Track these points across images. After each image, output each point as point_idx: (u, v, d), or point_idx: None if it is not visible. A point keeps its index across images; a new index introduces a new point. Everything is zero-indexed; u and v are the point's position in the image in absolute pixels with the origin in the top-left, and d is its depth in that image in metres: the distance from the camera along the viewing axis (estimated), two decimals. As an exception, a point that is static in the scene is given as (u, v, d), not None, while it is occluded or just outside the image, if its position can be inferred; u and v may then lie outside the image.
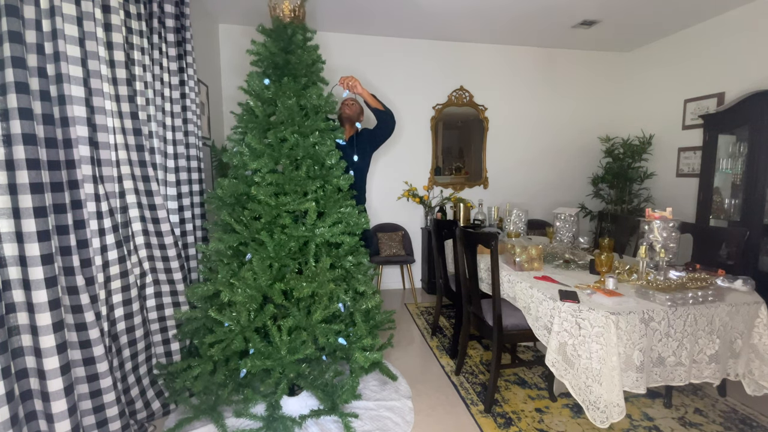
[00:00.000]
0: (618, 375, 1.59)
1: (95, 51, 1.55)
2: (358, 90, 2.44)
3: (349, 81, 2.43)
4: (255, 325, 1.78)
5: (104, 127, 1.61)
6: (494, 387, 2.06)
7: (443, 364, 2.59)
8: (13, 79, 1.21)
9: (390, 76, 4.14)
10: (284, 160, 1.93)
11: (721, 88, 3.49)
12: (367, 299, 2.00)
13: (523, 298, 2.04)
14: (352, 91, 2.45)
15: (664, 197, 4.10)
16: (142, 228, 1.91)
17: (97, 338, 1.48)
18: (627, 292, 1.85)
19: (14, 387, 1.21)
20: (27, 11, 1.31)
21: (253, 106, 1.97)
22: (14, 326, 1.27)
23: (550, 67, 4.43)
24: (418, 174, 4.33)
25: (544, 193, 4.59)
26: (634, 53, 4.43)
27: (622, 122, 4.57)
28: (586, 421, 1.98)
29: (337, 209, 1.98)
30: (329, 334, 1.85)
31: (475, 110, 4.36)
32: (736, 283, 1.95)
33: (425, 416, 2.03)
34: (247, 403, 1.84)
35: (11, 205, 1.23)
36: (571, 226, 2.82)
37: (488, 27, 3.80)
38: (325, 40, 3.97)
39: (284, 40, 2.05)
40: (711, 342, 1.77)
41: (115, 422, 1.58)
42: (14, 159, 1.22)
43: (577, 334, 1.68)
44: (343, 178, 2.03)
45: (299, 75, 2.05)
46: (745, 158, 3.06)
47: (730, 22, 3.42)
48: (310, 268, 1.86)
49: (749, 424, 1.96)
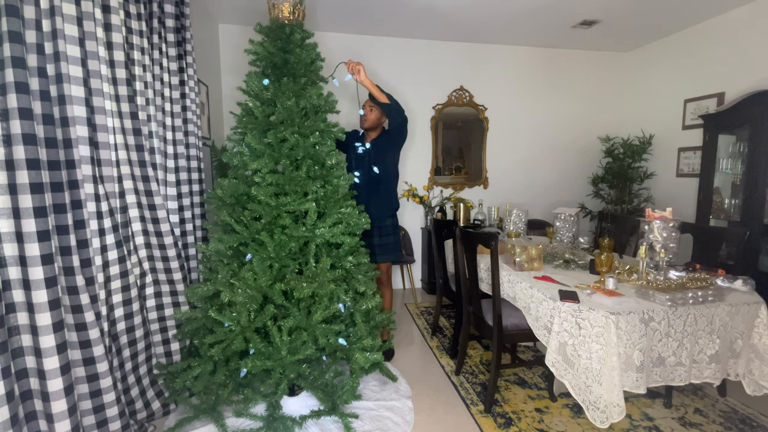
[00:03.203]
0: (618, 375, 1.59)
1: (95, 51, 1.55)
2: (361, 77, 2.37)
3: (355, 65, 2.36)
4: (255, 325, 1.78)
5: (104, 127, 1.61)
6: (494, 387, 2.06)
7: (443, 364, 2.59)
8: (13, 79, 1.21)
9: (390, 76, 4.14)
10: (284, 160, 1.93)
11: (721, 88, 3.49)
12: (367, 299, 2.00)
13: (523, 298, 2.04)
14: (354, 75, 2.38)
15: (664, 197, 4.10)
16: (142, 228, 1.91)
17: (97, 338, 1.48)
18: (627, 292, 1.85)
19: (14, 387, 1.21)
20: (27, 11, 1.31)
21: (252, 107, 1.97)
22: (14, 326, 1.27)
23: (550, 67, 4.43)
24: (418, 174, 4.33)
25: (544, 193, 4.59)
26: (634, 53, 4.43)
27: (622, 122, 4.57)
28: (586, 421, 1.98)
29: (338, 209, 1.98)
30: (329, 334, 1.85)
31: (475, 110, 4.35)
32: (736, 283, 1.95)
33: (425, 416, 2.03)
34: (248, 403, 1.84)
35: (11, 205, 1.23)
36: (571, 226, 2.82)
37: (488, 27, 3.80)
38: (324, 40, 3.97)
39: (282, 39, 2.04)
40: (711, 342, 1.77)
41: (115, 422, 1.58)
42: (14, 159, 1.22)
43: (577, 334, 1.68)
44: (343, 179, 2.03)
45: (298, 75, 2.05)
46: (745, 158, 3.06)
47: (730, 22, 3.42)
48: (310, 269, 1.86)
49: (749, 424, 1.96)
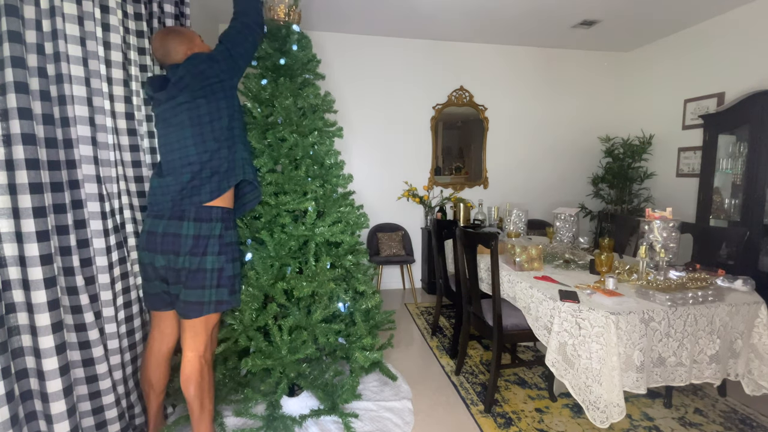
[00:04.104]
0: (618, 375, 1.59)
1: (95, 51, 1.55)
2: None
3: None
4: (258, 324, 1.78)
5: (103, 127, 1.61)
6: (494, 387, 2.06)
7: (443, 364, 2.59)
8: (13, 79, 1.21)
9: (390, 77, 4.14)
10: (283, 159, 1.93)
11: (721, 88, 3.49)
12: (366, 299, 2.00)
13: (523, 298, 2.04)
14: None
15: (664, 197, 4.10)
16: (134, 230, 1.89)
17: (96, 339, 1.48)
18: (627, 292, 1.85)
19: (14, 387, 1.20)
20: (27, 11, 1.31)
21: (251, 108, 1.97)
22: (14, 326, 1.26)
23: (550, 67, 4.43)
24: (418, 174, 4.32)
25: (544, 193, 4.59)
26: (634, 53, 4.43)
27: (622, 122, 4.57)
28: (586, 421, 1.98)
29: (337, 208, 1.98)
30: (329, 333, 1.85)
31: (475, 110, 4.35)
32: (736, 283, 1.95)
33: (425, 416, 2.03)
34: (247, 403, 1.84)
35: (11, 205, 1.23)
36: (571, 226, 2.82)
37: (488, 27, 3.80)
38: (323, 40, 3.97)
39: (279, 40, 2.06)
40: (711, 342, 1.77)
41: (114, 424, 1.57)
42: (14, 159, 1.22)
43: (577, 334, 1.68)
44: (342, 178, 2.03)
45: (295, 75, 2.06)
46: (745, 158, 3.06)
47: (730, 22, 3.42)
48: (310, 268, 1.86)
49: (749, 424, 1.96)
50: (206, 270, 1.53)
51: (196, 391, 1.55)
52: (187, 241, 1.51)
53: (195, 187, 1.54)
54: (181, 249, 1.51)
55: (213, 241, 1.55)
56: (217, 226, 1.56)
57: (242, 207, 1.78)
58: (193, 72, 1.56)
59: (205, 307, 1.54)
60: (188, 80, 1.55)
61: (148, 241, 1.55)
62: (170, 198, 1.54)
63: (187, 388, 1.55)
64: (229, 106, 1.62)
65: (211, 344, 1.64)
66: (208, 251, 1.53)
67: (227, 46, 1.66)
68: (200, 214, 1.54)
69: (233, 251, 1.63)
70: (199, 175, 1.54)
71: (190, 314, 1.54)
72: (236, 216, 1.76)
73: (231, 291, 1.61)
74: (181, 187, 1.53)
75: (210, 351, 1.64)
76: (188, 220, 1.52)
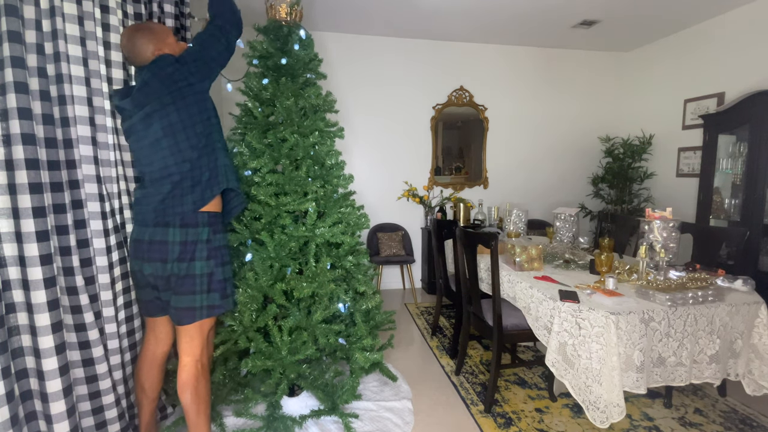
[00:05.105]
0: (618, 375, 1.59)
1: (95, 51, 1.55)
2: None
3: None
4: (257, 325, 1.78)
5: (104, 127, 1.61)
6: (494, 387, 2.06)
7: (443, 364, 2.59)
8: (13, 79, 1.21)
9: (390, 77, 4.14)
10: (284, 160, 1.93)
11: (721, 88, 3.49)
12: (367, 299, 2.00)
13: (523, 298, 2.03)
14: None
15: (664, 197, 4.10)
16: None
17: (96, 339, 1.48)
18: (627, 292, 1.85)
19: (14, 387, 1.20)
20: (27, 11, 1.31)
21: (252, 107, 1.97)
22: (14, 326, 1.26)
23: (550, 67, 4.43)
24: (418, 174, 4.33)
25: (544, 193, 4.59)
26: (634, 53, 4.43)
27: (622, 122, 4.57)
28: (586, 421, 1.98)
29: (338, 209, 1.98)
30: (329, 334, 1.85)
31: (475, 110, 4.35)
32: (736, 283, 1.95)
33: (425, 416, 2.03)
34: (248, 403, 1.84)
35: (11, 205, 1.23)
36: (571, 226, 2.82)
37: (488, 27, 3.80)
38: (324, 40, 3.97)
39: (281, 39, 2.05)
40: (711, 342, 1.77)
41: (114, 424, 1.57)
42: (13, 159, 1.22)
43: (577, 334, 1.68)
44: (343, 179, 2.03)
45: (297, 75, 2.05)
46: (745, 158, 3.06)
47: (730, 22, 3.42)
48: (310, 268, 1.86)
49: (749, 424, 1.96)
50: (195, 275, 1.51)
51: (192, 397, 1.54)
52: (174, 248, 1.48)
53: (176, 197, 1.50)
54: (169, 256, 1.48)
55: (201, 246, 1.52)
56: (205, 231, 1.53)
57: (228, 214, 1.73)
58: (160, 75, 1.45)
59: (198, 312, 1.53)
60: (155, 85, 1.45)
61: (135, 249, 1.53)
62: (152, 208, 1.50)
63: (183, 394, 1.54)
64: (202, 110, 1.54)
65: (207, 348, 1.64)
66: (197, 256, 1.51)
67: (198, 48, 1.59)
68: (186, 220, 1.50)
69: (223, 255, 1.60)
70: (180, 185, 1.50)
71: (183, 320, 1.52)
72: (223, 222, 1.73)
73: (222, 295, 1.59)
74: (162, 197, 1.49)
75: (207, 355, 1.63)
76: (174, 227, 1.49)
